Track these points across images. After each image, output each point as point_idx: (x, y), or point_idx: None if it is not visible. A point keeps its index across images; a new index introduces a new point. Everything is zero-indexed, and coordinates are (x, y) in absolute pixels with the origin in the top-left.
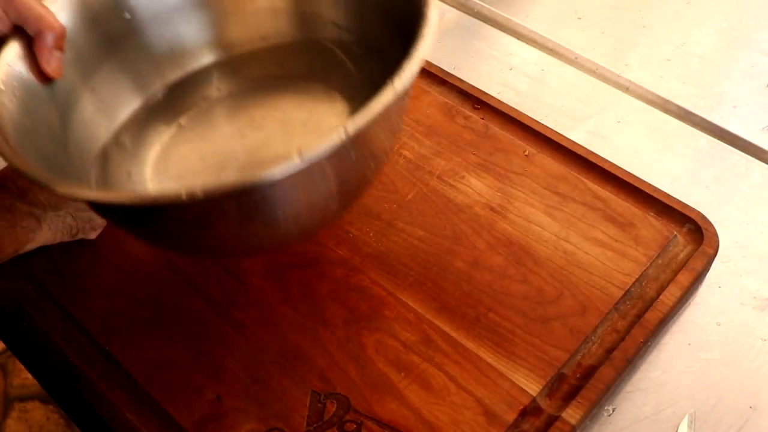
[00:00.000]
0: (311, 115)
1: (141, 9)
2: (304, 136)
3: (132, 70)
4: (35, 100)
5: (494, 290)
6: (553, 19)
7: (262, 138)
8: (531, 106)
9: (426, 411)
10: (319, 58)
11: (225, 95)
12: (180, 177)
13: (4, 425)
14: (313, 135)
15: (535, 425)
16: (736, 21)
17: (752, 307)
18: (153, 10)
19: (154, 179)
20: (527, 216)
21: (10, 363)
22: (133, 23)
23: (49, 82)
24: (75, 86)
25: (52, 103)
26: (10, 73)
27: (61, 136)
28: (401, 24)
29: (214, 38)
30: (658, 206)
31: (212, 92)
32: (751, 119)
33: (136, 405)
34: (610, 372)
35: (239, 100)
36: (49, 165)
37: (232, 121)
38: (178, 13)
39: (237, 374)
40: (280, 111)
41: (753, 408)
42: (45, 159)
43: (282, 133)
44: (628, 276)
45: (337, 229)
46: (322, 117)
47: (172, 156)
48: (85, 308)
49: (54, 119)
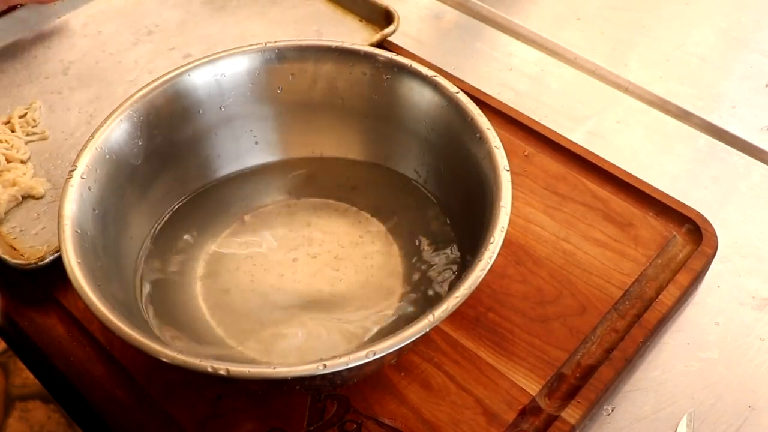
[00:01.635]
0: (364, 256)
1: (235, 105)
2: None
3: (188, 168)
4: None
5: (494, 290)
6: (553, 19)
7: (312, 269)
8: (530, 107)
9: (426, 411)
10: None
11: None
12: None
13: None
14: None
15: (535, 425)
16: (735, 21)
17: (751, 307)
18: (231, 110)
19: (205, 279)
20: (527, 216)
21: (11, 362)
22: (203, 122)
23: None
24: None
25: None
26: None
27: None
28: (474, 214)
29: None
30: (657, 206)
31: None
32: (750, 119)
33: (136, 405)
34: (610, 372)
35: (298, 209)
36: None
37: (287, 239)
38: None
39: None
40: (335, 236)
41: (752, 407)
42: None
43: (332, 267)
44: (628, 276)
45: None
46: (375, 258)
47: (222, 263)
48: (85, 308)
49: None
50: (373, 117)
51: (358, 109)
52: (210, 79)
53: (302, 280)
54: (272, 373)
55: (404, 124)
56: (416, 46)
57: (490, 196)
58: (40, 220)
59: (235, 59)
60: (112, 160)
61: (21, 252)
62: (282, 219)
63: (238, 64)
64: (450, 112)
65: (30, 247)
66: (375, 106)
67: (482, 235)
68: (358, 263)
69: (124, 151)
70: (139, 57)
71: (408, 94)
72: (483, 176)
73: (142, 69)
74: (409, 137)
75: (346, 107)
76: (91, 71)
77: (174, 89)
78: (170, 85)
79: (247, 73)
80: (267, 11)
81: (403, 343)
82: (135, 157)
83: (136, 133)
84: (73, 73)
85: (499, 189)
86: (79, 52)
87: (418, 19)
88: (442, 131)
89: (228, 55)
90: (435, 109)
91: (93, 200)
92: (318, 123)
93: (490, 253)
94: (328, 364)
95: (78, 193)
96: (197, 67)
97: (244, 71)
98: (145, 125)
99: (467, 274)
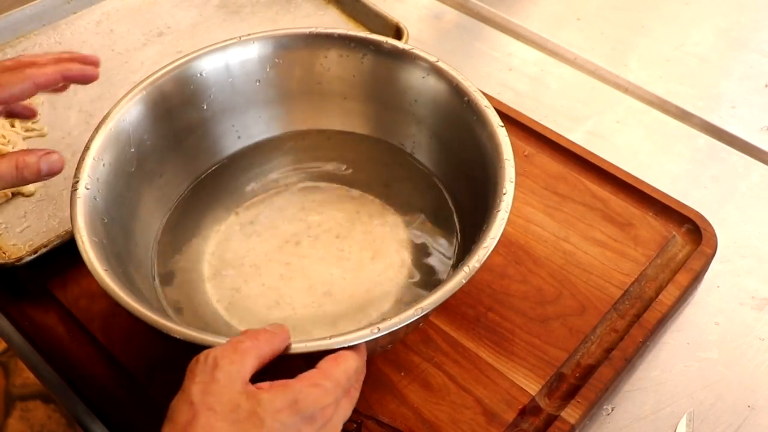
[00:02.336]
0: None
1: (217, 100)
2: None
3: (193, 157)
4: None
5: (494, 290)
6: (553, 19)
7: (316, 255)
8: (530, 107)
9: (426, 410)
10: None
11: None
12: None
13: (6, 424)
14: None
15: (535, 424)
16: (735, 22)
17: (751, 307)
18: (229, 102)
19: (212, 280)
20: (526, 216)
21: (11, 362)
22: (207, 114)
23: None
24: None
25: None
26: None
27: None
28: (479, 194)
29: (284, 130)
30: (656, 206)
31: (275, 181)
32: (750, 119)
33: (136, 405)
34: (609, 371)
35: (300, 195)
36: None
37: (285, 227)
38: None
39: None
40: (335, 221)
41: (751, 407)
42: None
43: (337, 247)
44: (627, 276)
45: None
46: (378, 234)
47: (225, 261)
48: (85, 308)
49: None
50: (353, 97)
51: (337, 91)
52: (192, 77)
53: (310, 267)
54: (330, 344)
55: (388, 99)
56: (416, 46)
57: (489, 154)
58: (27, 219)
59: (214, 55)
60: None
61: (3, 249)
62: (275, 207)
63: (216, 60)
64: (432, 82)
65: (12, 245)
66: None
67: (491, 191)
68: (360, 239)
69: (120, 160)
70: (146, 58)
71: (387, 70)
72: (477, 138)
73: (148, 71)
74: (394, 112)
75: (324, 91)
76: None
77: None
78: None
79: (225, 68)
80: (279, 19)
81: (447, 295)
82: (129, 164)
83: (127, 140)
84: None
85: (498, 145)
86: (88, 49)
87: (418, 19)
88: (427, 102)
89: (206, 52)
90: (417, 80)
91: (100, 209)
92: (299, 106)
93: (506, 204)
94: (381, 326)
95: (83, 203)
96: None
97: (222, 67)
98: (136, 129)
99: (489, 226)
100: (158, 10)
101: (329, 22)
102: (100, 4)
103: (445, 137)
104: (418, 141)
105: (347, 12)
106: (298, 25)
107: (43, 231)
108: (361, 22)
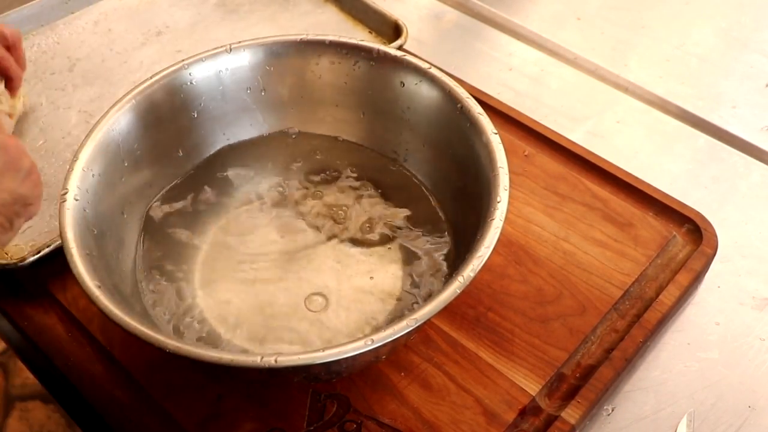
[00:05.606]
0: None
1: (208, 109)
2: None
3: (182, 166)
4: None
5: (494, 290)
6: (553, 19)
7: (310, 266)
8: (530, 107)
9: (426, 411)
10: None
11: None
12: (226, 301)
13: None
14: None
15: (535, 425)
16: (735, 21)
17: (751, 307)
18: (219, 110)
19: (205, 293)
20: (527, 216)
21: (11, 362)
22: (197, 122)
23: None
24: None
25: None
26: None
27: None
28: (472, 206)
29: (275, 138)
30: (657, 206)
31: (266, 191)
32: (750, 119)
33: (136, 405)
34: (610, 372)
35: (292, 205)
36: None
37: (273, 236)
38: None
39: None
40: (327, 230)
41: (752, 407)
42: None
43: (329, 264)
44: (628, 276)
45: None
46: (370, 242)
47: (216, 271)
48: (85, 308)
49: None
50: (345, 105)
51: (329, 98)
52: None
53: (304, 277)
54: (322, 356)
55: (380, 106)
56: (416, 46)
57: (483, 162)
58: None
59: (205, 63)
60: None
61: (6, 250)
62: (266, 217)
63: (207, 69)
64: (425, 89)
65: (15, 245)
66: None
67: (485, 199)
68: (353, 249)
69: (109, 170)
70: (145, 58)
71: (380, 77)
72: (471, 145)
73: (147, 70)
74: (387, 119)
75: (316, 98)
76: (97, 70)
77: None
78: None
79: (216, 76)
80: (278, 17)
81: (441, 306)
82: (119, 174)
83: (117, 150)
84: (79, 71)
85: (492, 152)
86: (87, 49)
87: (418, 19)
88: (420, 109)
89: (195, 61)
90: (409, 87)
91: (90, 221)
92: (291, 114)
93: (500, 212)
94: (375, 338)
95: (73, 215)
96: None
97: (213, 75)
98: (125, 139)
99: (483, 234)
100: (156, 10)
101: (327, 20)
102: (98, 4)
103: (438, 144)
104: (411, 148)
105: (345, 10)
106: (296, 23)
107: (45, 231)
108: (359, 19)
